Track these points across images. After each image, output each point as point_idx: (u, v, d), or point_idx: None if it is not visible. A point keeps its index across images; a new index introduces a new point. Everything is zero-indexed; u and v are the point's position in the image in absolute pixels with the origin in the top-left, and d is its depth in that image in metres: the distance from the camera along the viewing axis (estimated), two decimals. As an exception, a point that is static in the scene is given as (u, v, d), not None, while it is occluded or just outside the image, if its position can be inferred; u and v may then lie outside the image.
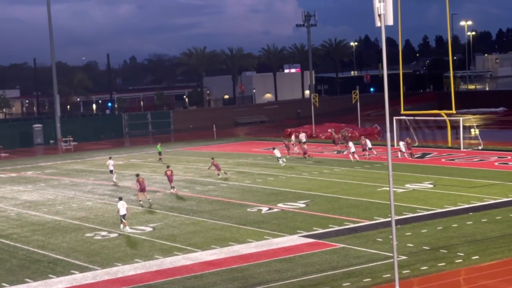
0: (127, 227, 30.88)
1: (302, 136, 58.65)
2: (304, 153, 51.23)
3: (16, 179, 51.10)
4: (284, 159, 49.21)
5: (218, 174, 45.06)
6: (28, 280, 24.39)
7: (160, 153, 55.48)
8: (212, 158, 46.38)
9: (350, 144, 50.09)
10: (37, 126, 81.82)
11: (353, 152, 48.99)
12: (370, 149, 51.03)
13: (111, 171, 46.15)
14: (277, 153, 49.15)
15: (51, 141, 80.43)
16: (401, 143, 50.64)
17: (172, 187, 40.33)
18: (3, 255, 28.22)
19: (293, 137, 59.41)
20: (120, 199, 31.73)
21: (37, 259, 27.26)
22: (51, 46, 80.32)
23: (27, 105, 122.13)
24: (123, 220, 30.88)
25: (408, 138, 52.77)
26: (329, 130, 64.28)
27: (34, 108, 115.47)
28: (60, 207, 38.29)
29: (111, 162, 46.56)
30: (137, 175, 38.60)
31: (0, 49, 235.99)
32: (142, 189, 36.94)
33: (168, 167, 41.93)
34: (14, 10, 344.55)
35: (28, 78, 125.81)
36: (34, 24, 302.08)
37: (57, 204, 39.34)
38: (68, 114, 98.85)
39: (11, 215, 36.82)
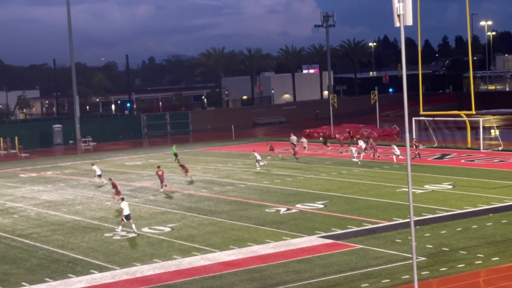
0: (120, 227, 30.95)
1: (293, 139, 58.19)
2: (294, 154, 52.02)
3: (36, 179, 51.47)
4: (265, 162, 49.70)
5: (190, 177, 45.34)
6: (47, 279, 24.54)
7: (176, 155, 55.43)
8: (178, 161, 47.36)
9: (353, 149, 49.94)
10: (57, 126, 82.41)
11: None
12: (365, 150, 51.47)
13: (99, 176, 46.42)
14: (257, 155, 49.29)
15: (71, 142, 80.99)
16: (395, 147, 49.30)
17: (164, 185, 41.41)
18: (23, 254, 28.43)
19: (292, 138, 58.67)
20: (123, 199, 31.92)
21: (56, 258, 27.42)
22: (70, 47, 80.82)
23: (47, 105, 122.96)
24: (125, 220, 30.83)
25: (414, 139, 52.47)
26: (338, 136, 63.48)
27: (54, 109, 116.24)
28: (80, 207, 38.51)
29: (95, 167, 47.10)
30: (110, 179, 40.50)
31: (20, 50, 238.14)
32: (118, 192, 37.86)
33: (158, 167, 42.69)
34: (33, 11, 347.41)
35: (48, 79, 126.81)
36: (53, 25, 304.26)
37: (76, 204, 39.58)
38: (87, 115, 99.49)
39: (31, 214, 37.08)
